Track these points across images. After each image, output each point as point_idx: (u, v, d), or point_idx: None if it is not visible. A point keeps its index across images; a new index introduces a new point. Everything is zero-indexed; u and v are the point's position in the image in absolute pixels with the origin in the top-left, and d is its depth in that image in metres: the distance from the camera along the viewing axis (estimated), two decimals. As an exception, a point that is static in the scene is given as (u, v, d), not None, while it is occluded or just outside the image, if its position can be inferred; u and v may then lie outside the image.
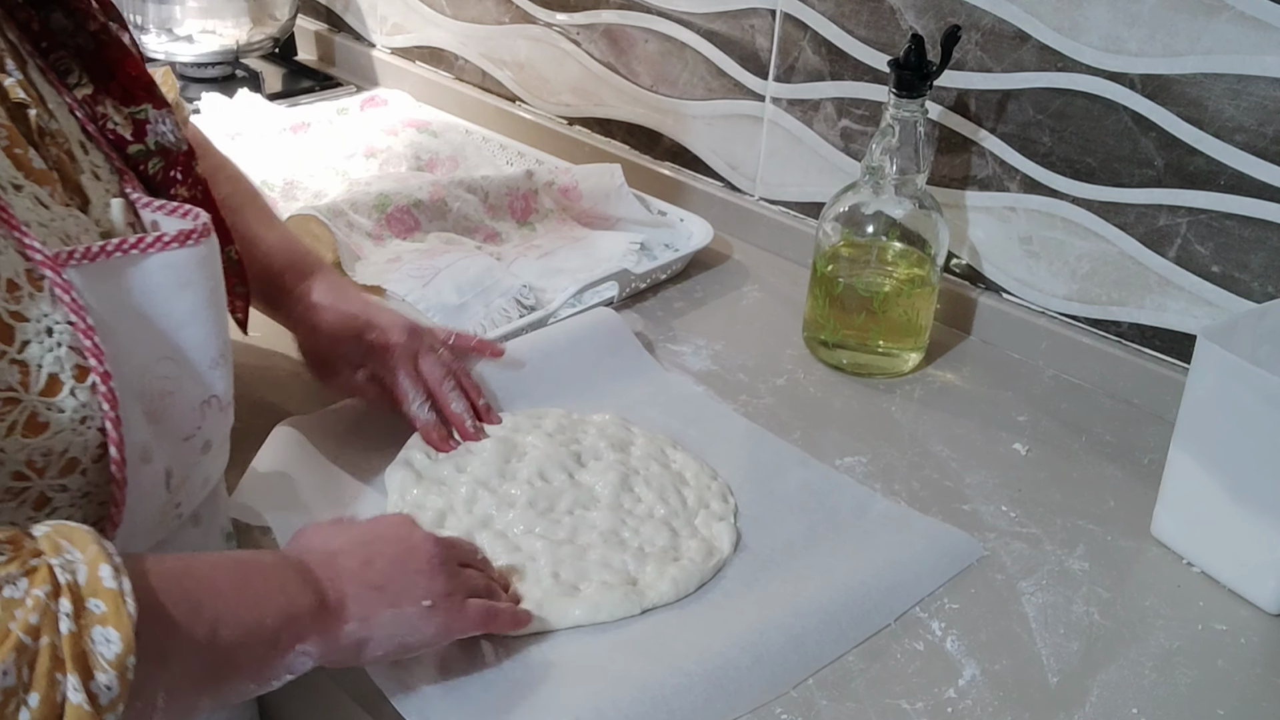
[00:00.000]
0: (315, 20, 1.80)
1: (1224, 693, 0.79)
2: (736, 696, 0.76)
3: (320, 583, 0.68)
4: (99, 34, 0.76)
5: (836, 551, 0.88)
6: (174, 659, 0.59)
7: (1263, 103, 0.96)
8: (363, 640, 0.69)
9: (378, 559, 0.72)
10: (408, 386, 0.93)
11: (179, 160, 0.79)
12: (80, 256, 0.65)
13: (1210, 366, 0.85)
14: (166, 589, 0.59)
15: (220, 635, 0.61)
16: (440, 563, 0.73)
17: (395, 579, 0.71)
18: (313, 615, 0.67)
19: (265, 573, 0.67)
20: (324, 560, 0.70)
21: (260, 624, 0.64)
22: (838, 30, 1.20)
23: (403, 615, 0.70)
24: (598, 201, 1.31)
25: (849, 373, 1.11)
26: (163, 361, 0.69)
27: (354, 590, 0.69)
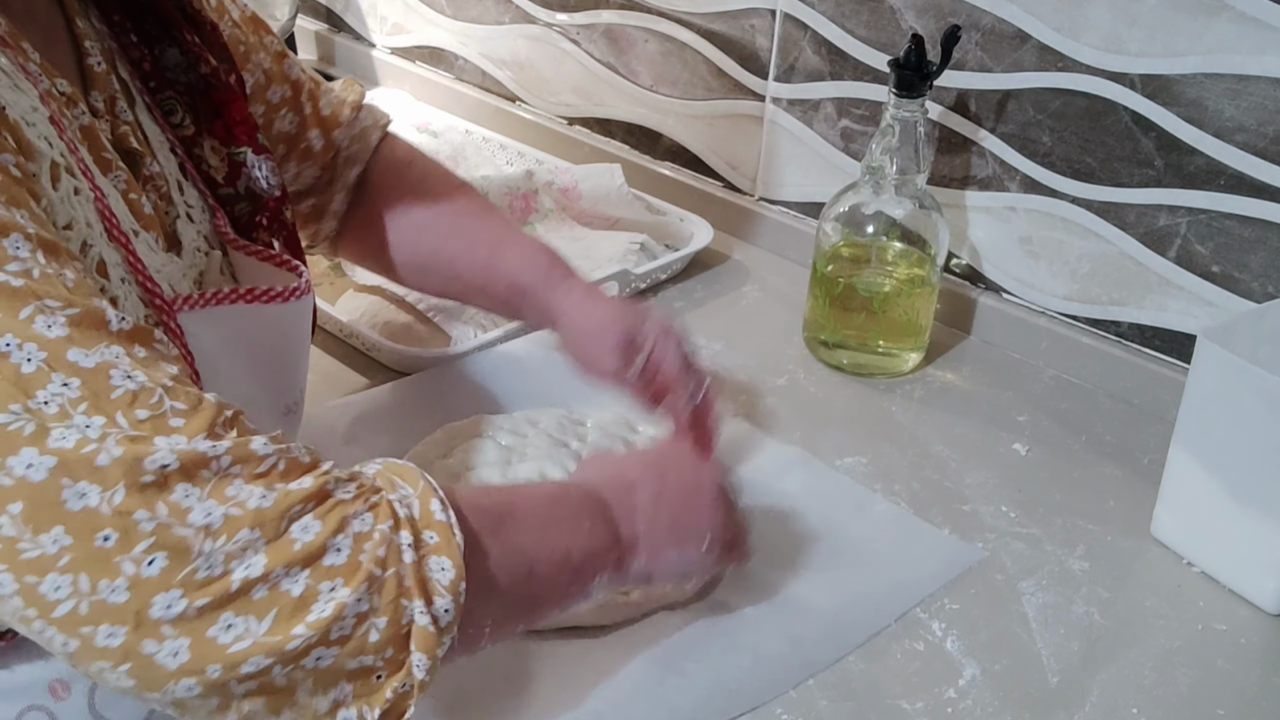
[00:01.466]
0: (315, 20, 1.80)
1: (1224, 693, 0.79)
2: (736, 697, 0.76)
3: (616, 520, 0.72)
4: (209, 76, 0.78)
5: (836, 553, 0.88)
6: (496, 592, 0.63)
7: (1263, 103, 0.96)
8: (648, 574, 0.74)
9: (669, 493, 0.75)
10: (682, 371, 0.89)
11: (268, 205, 0.81)
12: (194, 303, 0.68)
13: (1210, 366, 0.85)
14: (489, 524, 0.63)
15: (535, 571, 0.66)
16: (723, 499, 0.78)
17: (683, 516, 0.75)
18: (608, 550, 0.71)
19: (573, 512, 0.70)
20: (621, 493, 0.73)
21: (567, 560, 0.68)
22: (838, 30, 1.20)
23: (685, 553, 0.75)
24: (598, 201, 1.31)
25: (849, 373, 1.11)
26: (249, 406, 0.72)
27: (645, 528, 0.73)
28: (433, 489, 0.61)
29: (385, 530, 0.57)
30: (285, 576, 0.53)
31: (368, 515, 0.57)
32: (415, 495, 0.60)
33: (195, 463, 0.53)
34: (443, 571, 0.58)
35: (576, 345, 0.93)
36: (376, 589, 0.56)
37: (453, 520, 0.60)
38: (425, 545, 0.58)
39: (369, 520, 0.57)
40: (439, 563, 0.58)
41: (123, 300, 0.63)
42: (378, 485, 0.59)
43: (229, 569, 0.52)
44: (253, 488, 0.54)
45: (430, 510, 0.60)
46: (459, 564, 0.59)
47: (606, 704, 0.73)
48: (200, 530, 0.52)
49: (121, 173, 0.68)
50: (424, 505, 0.60)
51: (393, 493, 0.59)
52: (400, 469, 0.62)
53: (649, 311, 0.92)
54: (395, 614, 0.56)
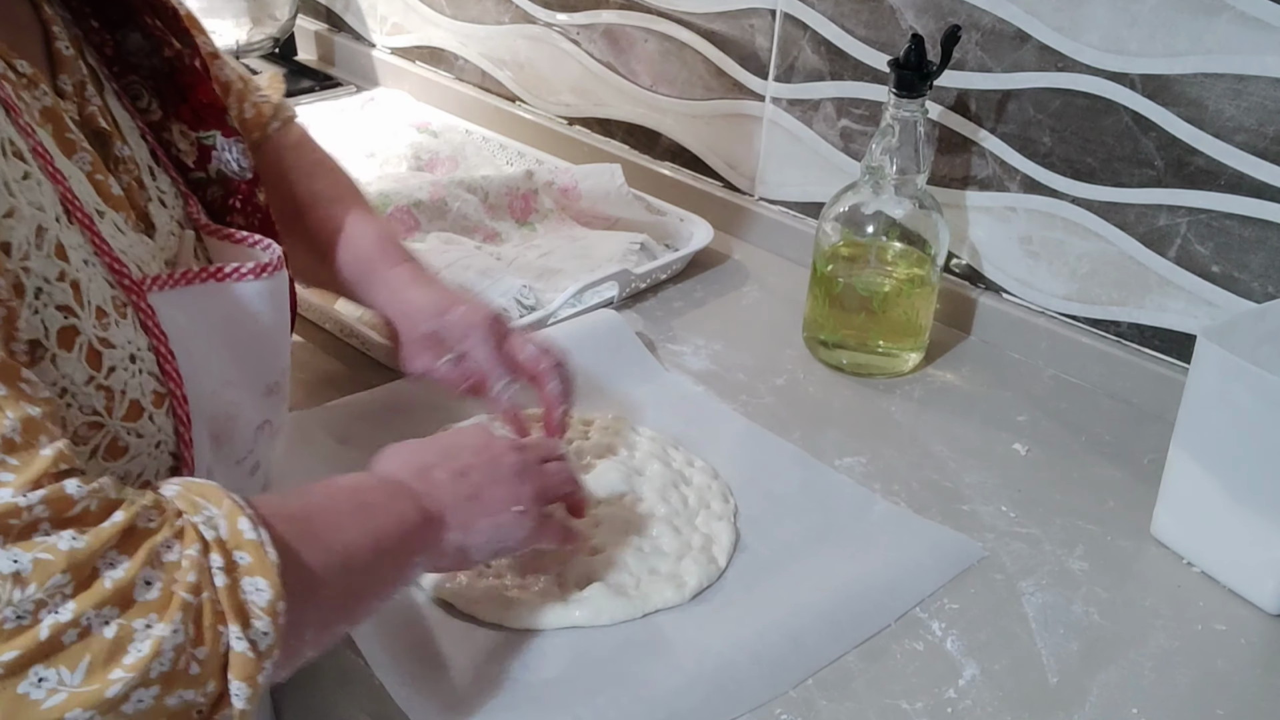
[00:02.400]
0: (315, 20, 1.80)
1: (1224, 693, 0.79)
2: (736, 696, 0.76)
3: (420, 497, 0.71)
4: (174, 59, 0.77)
5: (836, 552, 0.88)
6: (315, 596, 0.61)
7: (1263, 103, 0.96)
8: (464, 547, 0.73)
9: (469, 470, 0.75)
10: (494, 365, 0.90)
11: (240, 189, 0.80)
12: (164, 283, 0.67)
13: (1210, 366, 0.85)
14: (298, 533, 0.61)
15: (350, 566, 0.64)
16: (524, 468, 0.77)
17: (487, 487, 0.74)
18: (419, 528, 0.70)
19: (377, 498, 0.69)
20: (419, 475, 0.73)
21: (380, 547, 0.67)
22: (838, 30, 1.20)
23: (498, 522, 0.74)
24: (598, 201, 1.31)
25: (849, 373, 1.11)
26: (228, 386, 0.72)
27: (451, 501, 0.72)
28: (239, 507, 0.58)
29: (194, 555, 0.55)
30: (96, 620, 0.51)
31: (175, 543, 0.55)
32: (222, 515, 0.58)
33: (5, 513, 0.51)
34: (258, 592, 0.56)
35: (392, 339, 0.94)
36: (191, 617, 0.54)
37: (264, 538, 0.58)
38: (238, 567, 0.56)
39: (177, 548, 0.55)
40: (254, 583, 0.56)
41: (85, 282, 0.62)
42: (179, 509, 0.57)
43: (39, 618, 0.50)
44: (64, 533, 0.52)
45: (239, 529, 0.57)
46: (275, 582, 0.57)
47: (606, 703, 0.73)
48: (8, 579, 0.50)
49: (87, 154, 0.68)
50: (232, 525, 0.57)
51: (197, 515, 0.57)
52: (202, 488, 0.59)
53: (458, 304, 0.91)
54: (214, 642, 0.54)
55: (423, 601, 0.81)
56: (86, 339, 0.61)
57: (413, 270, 0.95)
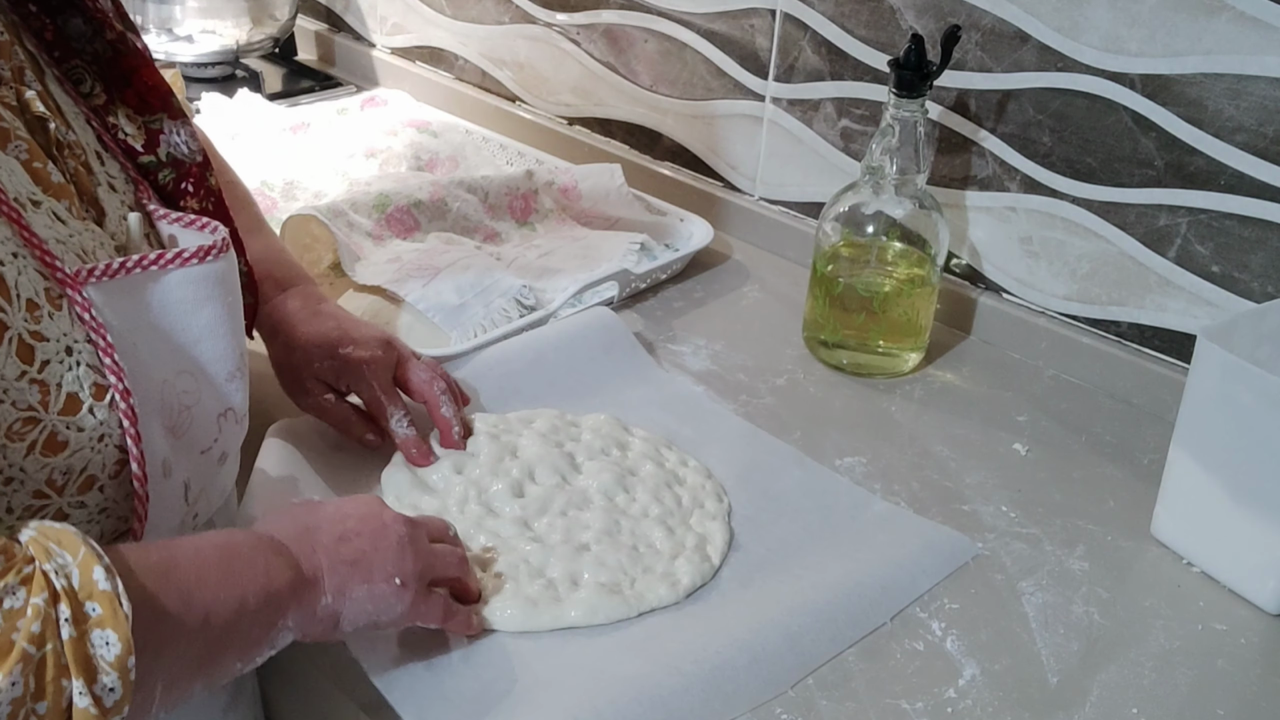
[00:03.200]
0: (315, 20, 1.80)
1: (1224, 693, 0.79)
2: (734, 696, 0.76)
3: (296, 558, 0.68)
4: (116, 42, 0.76)
5: (832, 551, 0.88)
6: (169, 651, 0.59)
7: (1263, 103, 0.96)
8: (336, 614, 0.70)
9: (351, 536, 0.72)
10: (385, 402, 0.90)
11: (191, 171, 0.79)
12: (100, 274, 0.65)
13: (1210, 366, 0.85)
14: (156, 584, 0.59)
15: (211, 622, 0.62)
16: (410, 541, 0.73)
17: (368, 555, 0.71)
18: (291, 590, 0.67)
19: (246, 554, 0.66)
20: (299, 536, 0.70)
21: (244, 605, 0.64)
22: (838, 30, 1.20)
23: (375, 591, 0.71)
24: (598, 201, 1.31)
25: (849, 373, 1.11)
26: (182, 375, 0.70)
27: (329, 564, 0.69)
28: (95, 555, 0.56)
29: (39, 604, 0.52)
30: None
31: (20, 590, 0.53)
32: (75, 564, 0.55)
33: None
34: (108, 646, 0.54)
35: (278, 372, 0.94)
36: (32, 670, 0.51)
37: (119, 589, 0.55)
38: (87, 619, 0.54)
39: (21, 595, 0.52)
40: (103, 636, 0.54)
41: (14, 275, 0.60)
42: (30, 555, 0.55)
43: None
44: None
45: (93, 580, 0.55)
46: (126, 637, 0.54)
47: (605, 704, 0.73)
48: None
49: (23, 142, 0.66)
50: (85, 574, 0.55)
51: (48, 562, 0.54)
52: (58, 534, 0.56)
53: (342, 348, 0.90)
54: (56, 696, 0.52)
55: None
56: (16, 333, 0.60)
57: (299, 297, 0.94)
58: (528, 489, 0.89)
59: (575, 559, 0.84)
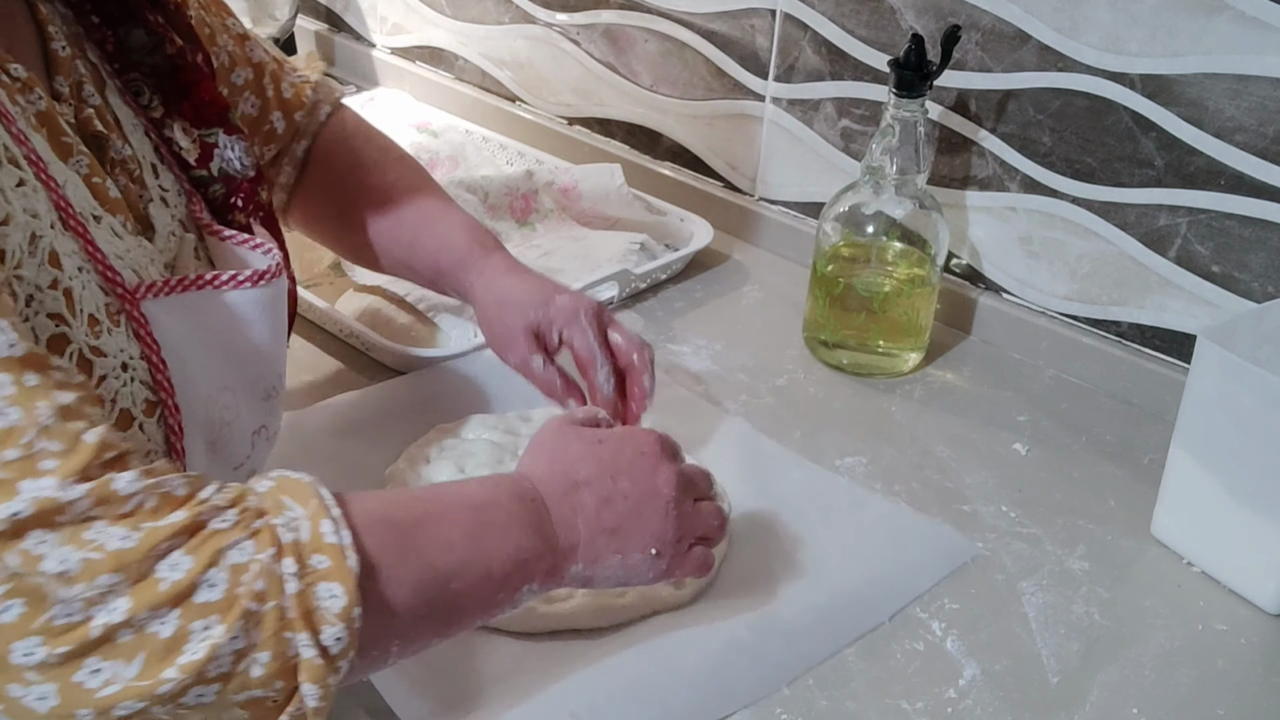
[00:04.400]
0: (315, 20, 1.80)
1: (1224, 693, 0.79)
2: (733, 694, 0.76)
3: (555, 528, 0.69)
4: (175, 57, 0.77)
5: (830, 550, 0.88)
6: (405, 609, 0.60)
7: (1263, 103, 0.96)
8: (586, 579, 0.71)
9: (617, 499, 0.71)
10: (597, 351, 0.88)
11: (241, 187, 0.80)
12: (159, 290, 0.66)
13: (1210, 366, 0.85)
14: (397, 542, 0.60)
15: (452, 588, 0.63)
16: (675, 508, 0.73)
17: (629, 522, 0.71)
18: (540, 558, 0.68)
19: (499, 520, 0.67)
20: (563, 495, 0.70)
21: (490, 574, 0.65)
22: (838, 30, 1.20)
23: (629, 561, 0.72)
24: (598, 201, 1.31)
25: (849, 373, 1.11)
26: (224, 392, 0.71)
27: (587, 534, 0.70)
28: (325, 508, 0.57)
29: (265, 560, 0.54)
30: (153, 619, 0.51)
31: (247, 544, 0.54)
32: (306, 517, 0.57)
33: (50, 510, 0.51)
34: (333, 599, 0.56)
35: (488, 330, 0.93)
36: (254, 624, 0.53)
37: (346, 542, 0.57)
38: (312, 572, 0.56)
39: (248, 549, 0.54)
40: (329, 589, 0.56)
41: (79, 290, 0.61)
42: (263, 508, 0.56)
43: (89, 615, 0.51)
44: (114, 529, 0.52)
45: (320, 533, 0.56)
46: (351, 589, 0.56)
47: (605, 703, 0.73)
48: (55, 578, 0.50)
49: (84, 157, 0.67)
50: (314, 527, 0.57)
51: (278, 516, 0.56)
52: (293, 486, 0.59)
53: (558, 293, 0.90)
54: (279, 648, 0.54)
55: None
56: (77, 347, 0.61)
57: (506, 260, 0.94)
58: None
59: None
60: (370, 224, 0.97)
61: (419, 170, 1.01)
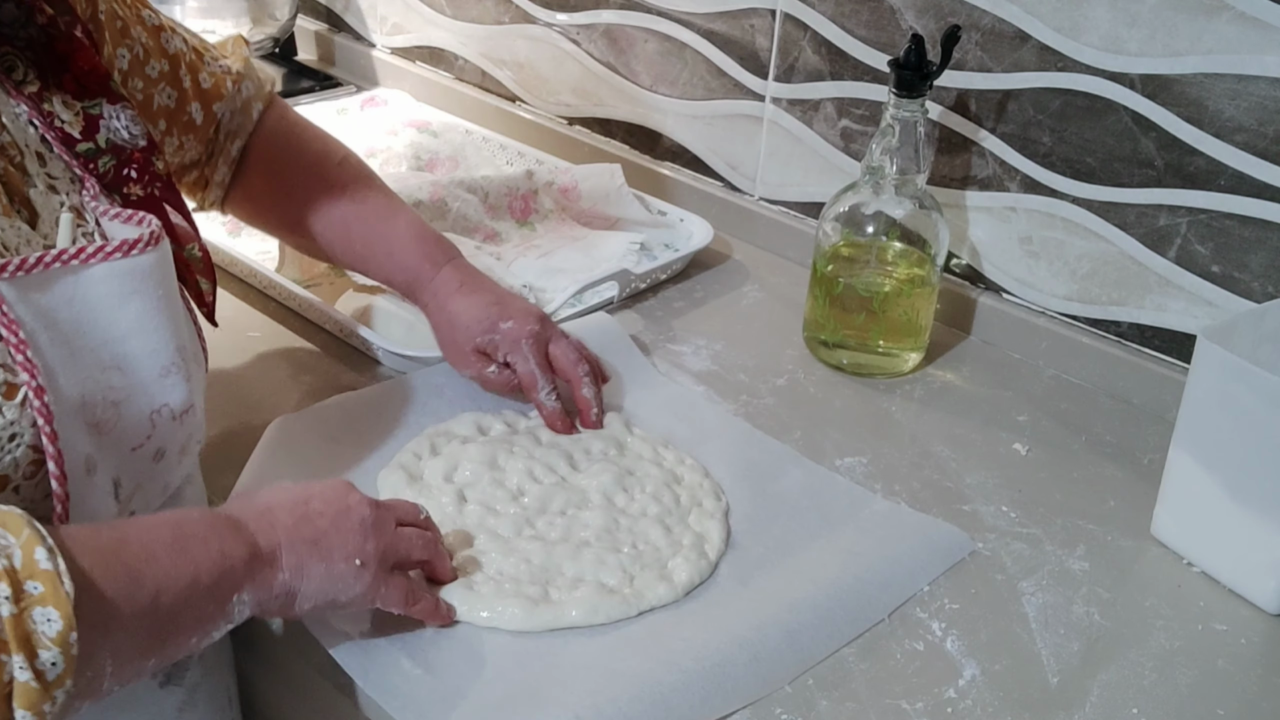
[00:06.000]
0: (315, 20, 1.80)
1: (1224, 693, 0.79)
2: (734, 693, 0.76)
3: (254, 535, 0.69)
4: (48, 27, 0.74)
5: (829, 548, 0.88)
6: (117, 629, 0.60)
7: (1263, 103, 0.96)
8: (293, 591, 0.70)
9: (314, 516, 0.72)
10: (538, 374, 0.95)
11: (134, 158, 0.77)
12: (14, 269, 0.64)
13: (1210, 366, 0.85)
14: (104, 562, 0.60)
15: (161, 599, 0.62)
16: (374, 524, 0.74)
17: (329, 534, 0.71)
18: (246, 565, 0.67)
19: (200, 532, 0.66)
20: (258, 515, 0.70)
21: (197, 582, 0.64)
22: (838, 30, 1.20)
23: (333, 570, 0.71)
24: (598, 201, 1.31)
25: (849, 373, 1.11)
26: (108, 372, 0.69)
27: (287, 541, 0.70)
28: (39, 536, 0.57)
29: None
30: None
31: None
32: (18, 544, 0.56)
33: None
34: (49, 623, 0.55)
35: (442, 347, 1.00)
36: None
37: (61, 568, 0.56)
38: (28, 596, 0.55)
39: None
40: (44, 614, 0.55)
41: None
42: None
43: None
44: None
45: (34, 559, 0.56)
46: (68, 613, 0.56)
47: (606, 701, 0.73)
48: None
49: None
50: (27, 554, 0.56)
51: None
52: (4, 517, 0.58)
53: (504, 313, 0.96)
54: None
55: None
56: None
57: (455, 276, 0.98)
58: (527, 489, 0.89)
59: (575, 558, 0.84)
60: (318, 231, 1.00)
61: (360, 170, 1.03)
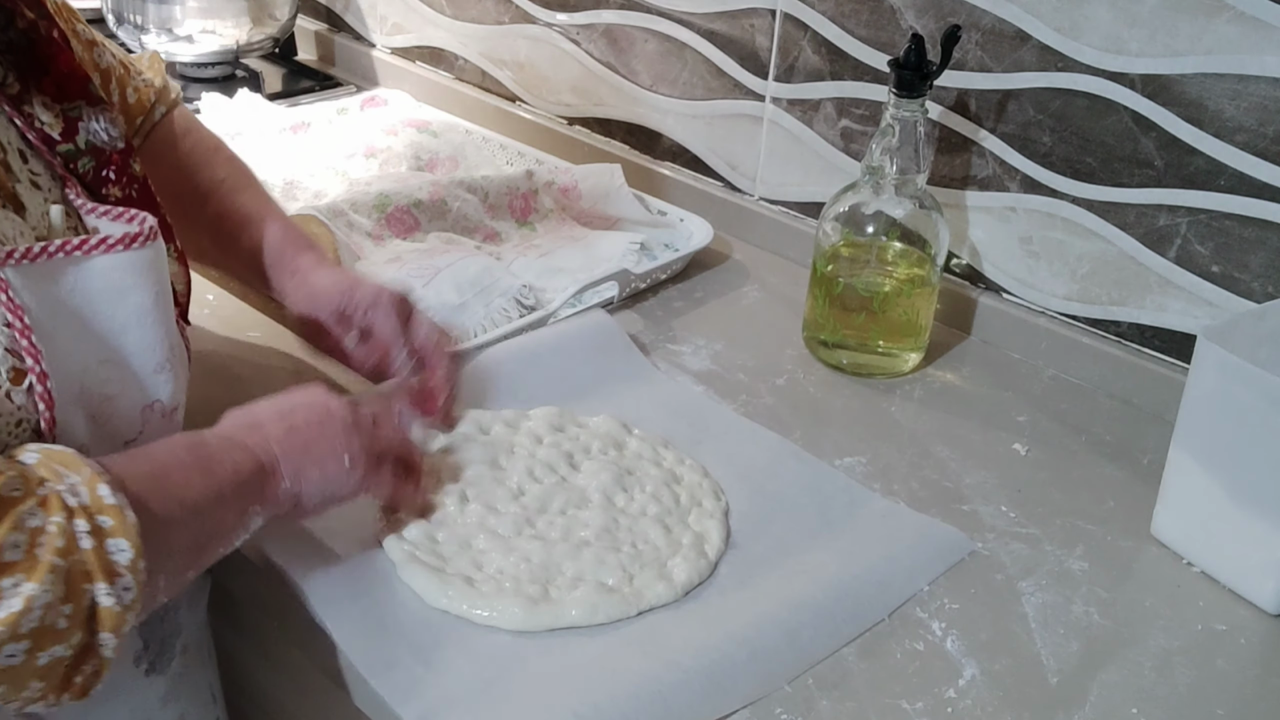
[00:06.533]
0: (315, 20, 1.80)
1: (1224, 693, 0.79)
2: (733, 692, 0.76)
3: (254, 449, 0.74)
4: (28, 30, 0.76)
5: (829, 547, 0.88)
6: (168, 547, 0.66)
7: (1263, 103, 0.96)
8: (296, 494, 0.76)
9: (299, 425, 0.77)
10: (396, 337, 0.93)
11: (112, 159, 0.79)
12: (21, 256, 0.66)
13: (1210, 366, 0.85)
14: (151, 491, 0.65)
15: (199, 517, 0.69)
16: (354, 422, 0.79)
17: (317, 440, 0.77)
18: (256, 477, 0.73)
19: (215, 453, 0.72)
20: (250, 430, 0.75)
21: (222, 497, 0.70)
22: (838, 30, 1.20)
23: (327, 472, 0.77)
24: (598, 201, 1.31)
25: (849, 373, 1.11)
26: (104, 364, 0.71)
27: (282, 452, 0.75)
28: (98, 473, 0.62)
29: (60, 521, 0.59)
30: None
31: (39, 511, 0.59)
32: (83, 482, 0.62)
33: None
34: (121, 552, 0.61)
35: (301, 325, 0.98)
36: (61, 578, 0.58)
37: (124, 502, 0.62)
38: (101, 530, 0.61)
39: (40, 515, 0.59)
40: (117, 544, 0.61)
41: None
42: (43, 477, 0.61)
43: None
44: None
45: (99, 495, 0.61)
46: (135, 542, 0.61)
47: (606, 700, 0.73)
48: None
49: None
50: (92, 491, 0.61)
51: (60, 484, 0.61)
52: (62, 456, 0.63)
53: (363, 282, 0.94)
54: (80, 600, 0.59)
55: (420, 605, 0.80)
56: None
57: (317, 257, 0.98)
58: (527, 488, 0.89)
59: (575, 557, 0.84)
60: (193, 223, 0.98)
61: (244, 171, 1.02)
